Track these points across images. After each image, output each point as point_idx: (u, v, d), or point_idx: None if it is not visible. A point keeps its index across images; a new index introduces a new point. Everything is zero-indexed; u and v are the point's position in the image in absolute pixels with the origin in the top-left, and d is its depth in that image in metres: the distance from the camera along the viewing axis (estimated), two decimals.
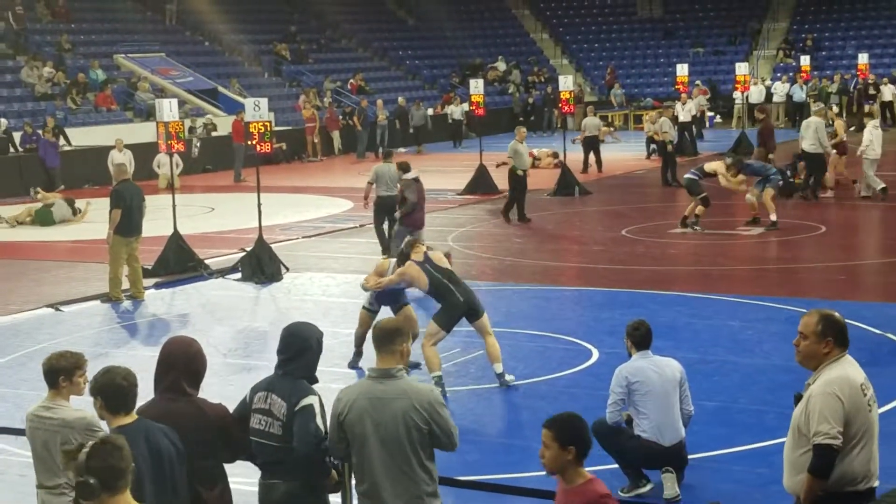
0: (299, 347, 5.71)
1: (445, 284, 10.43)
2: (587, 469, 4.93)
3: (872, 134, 21.55)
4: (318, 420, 5.58)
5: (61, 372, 5.95)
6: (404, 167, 16.83)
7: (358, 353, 11.49)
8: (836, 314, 5.40)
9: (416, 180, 16.63)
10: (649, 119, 28.78)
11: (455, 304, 10.37)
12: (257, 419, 5.65)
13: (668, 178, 25.32)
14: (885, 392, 9.77)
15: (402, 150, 35.66)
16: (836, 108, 32.55)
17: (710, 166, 19.16)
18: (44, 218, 22.24)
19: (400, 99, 37.75)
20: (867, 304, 13.32)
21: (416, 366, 10.80)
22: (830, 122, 23.30)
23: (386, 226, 17.46)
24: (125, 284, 15.14)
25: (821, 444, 5.12)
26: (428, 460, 5.37)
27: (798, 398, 5.36)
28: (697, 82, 39.11)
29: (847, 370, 5.29)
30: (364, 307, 11.49)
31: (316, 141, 34.54)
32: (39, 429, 5.91)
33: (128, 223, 14.81)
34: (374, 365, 5.51)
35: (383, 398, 5.33)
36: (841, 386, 5.20)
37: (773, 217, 18.60)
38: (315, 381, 5.74)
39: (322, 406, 5.65)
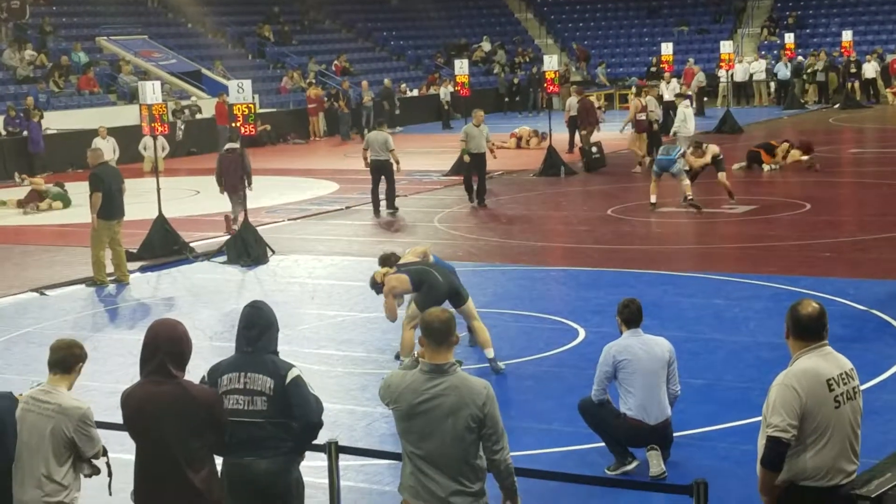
0: (266, 323, 5.76)
1: (422, 269, 10.34)
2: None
3: (685, 113, 22.23)
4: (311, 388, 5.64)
5: (77, 360, 5.95)
6: (232, 137, 17.92)
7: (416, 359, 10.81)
8: (805, 305, 5.27)
9: (229, 151, 17.72)
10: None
11: (435, 285, 10.24)
12: (233, 400, 5.62)
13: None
14: (869, 368, 9.84)
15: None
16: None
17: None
18: (63, 200, 22.12)
19: (386, 80, 37.62)
20: (852, 280, 13.36)
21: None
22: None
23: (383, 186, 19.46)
24: (110, 268, 15.10)
25: (770, 437, 5.09)
26: (476, 458, 5.21)
27: None
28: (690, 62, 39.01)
29: (817, 363, 5.18)
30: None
31: (322, 124, 34.49)
32: (32, 411, 5.83)
33: (109, 206, 14.73)
34: (425, 358, 5.29)
35: (434, 394, 5.16)
36: (800, 378, 5.11)
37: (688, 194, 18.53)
38: (277, 355, 5.78)
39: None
